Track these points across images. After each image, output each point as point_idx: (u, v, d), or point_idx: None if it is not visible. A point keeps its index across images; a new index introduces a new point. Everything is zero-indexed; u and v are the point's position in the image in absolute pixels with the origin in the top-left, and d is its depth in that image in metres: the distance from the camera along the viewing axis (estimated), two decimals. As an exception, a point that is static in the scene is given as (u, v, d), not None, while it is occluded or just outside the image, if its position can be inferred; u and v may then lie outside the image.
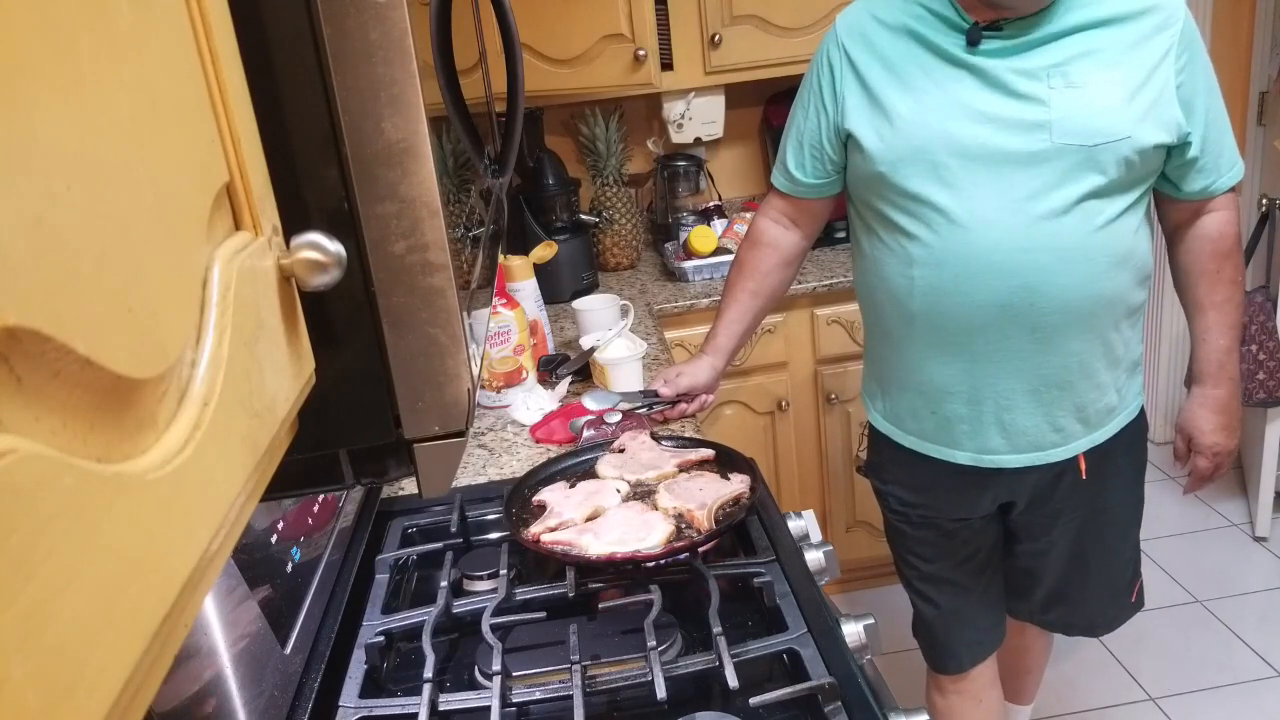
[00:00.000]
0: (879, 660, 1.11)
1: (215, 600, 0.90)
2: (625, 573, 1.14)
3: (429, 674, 0.98)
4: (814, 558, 1.22)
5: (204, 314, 0.40)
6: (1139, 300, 1.36)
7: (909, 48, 1.31)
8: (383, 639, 1.07)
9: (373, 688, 1.04)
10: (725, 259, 2.36)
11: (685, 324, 2.32)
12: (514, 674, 0.99)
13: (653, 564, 1.14)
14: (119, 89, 0.34)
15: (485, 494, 1.42)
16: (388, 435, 0.63)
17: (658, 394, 1.49)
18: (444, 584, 1.14)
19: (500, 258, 1.77)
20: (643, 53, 2.27)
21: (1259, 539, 2.72)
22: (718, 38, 2.34)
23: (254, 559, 1.00)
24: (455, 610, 1.12)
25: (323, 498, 1.23)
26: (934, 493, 1.50)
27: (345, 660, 1.06)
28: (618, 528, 1.14)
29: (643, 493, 1.26)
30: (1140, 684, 2.25)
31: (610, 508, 1.20)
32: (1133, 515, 1.54)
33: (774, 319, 2.32)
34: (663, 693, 0.92)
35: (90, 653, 0.27)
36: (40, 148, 0.28)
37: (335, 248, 0.50)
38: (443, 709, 0.97)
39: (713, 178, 2.70)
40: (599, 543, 1.12)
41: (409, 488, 1.47)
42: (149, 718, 0.73)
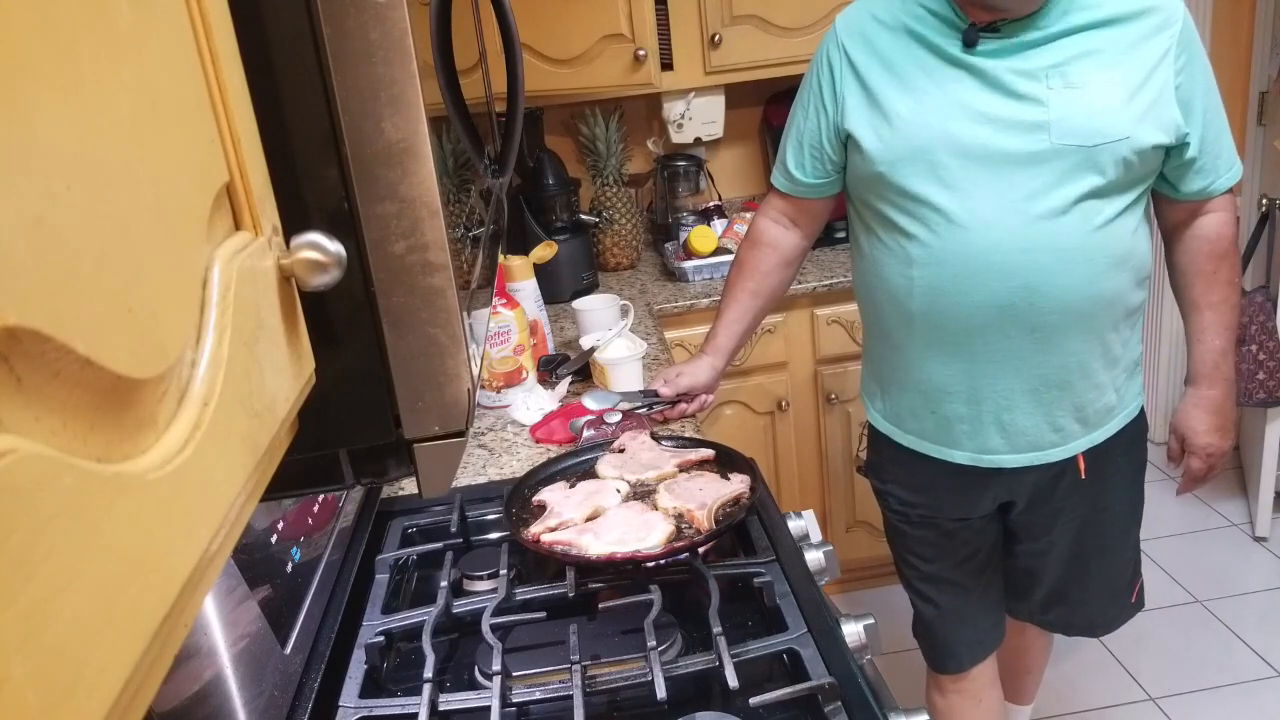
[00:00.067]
0: (879, 660, 1.11)
1: (215, 600, 0.90)
2: (625, 573, 1.14)
3: (429, 674, 0.98)
4: (814, 558, 1.22)
5: (204, 314, 0.40)
6: (1138, 301, 1.36)
7: (909, 48, 1.31)
8: (383, 639, 1.07)
9: (373, 688, 1.04)
10: (725, 259, 2.36)
11: (685, 324, 2.32)
12: (514, 674, 0.99)
13: (653, 564, 1.14)
14: (119, 89, 0.34)
15: (485, 494, 1.42)
16: (388, 435, 0.63)
17: (658, 394, 1.49)
18: (444, 584, 1.14)
19: (500, 258, 1.77)
20: (643, 53, 2.27)
21: (1259, 539, 2.72)
22: (718, 38, 2.34)
23: (254, 559, 1.00)
24: (455, 610, 1.12)
25: (323, 498, 1.23)
26: (934, 492, 1.50)
27: (345, 660, 1.06)
28: (618, 528, 1.14)
29: (643, 493, 1.26)
30: (1140, 684, 2.25)
31: (610, 508, 1.20)
32: (1132, 515, 1.54)
33: (774, 319, 2.32)
34: (663, 693, 0.92)
35: (90, 653, 0.27)
36: (40, 148, 0.28)
37: (335, 248, 0.50)
38: (443, 709, 0.97)
39: (713, 178, 2.70)
40: (599, 543, 1.12)
41: (409, 488, 1.47)
42: (149, 718, 0.73)
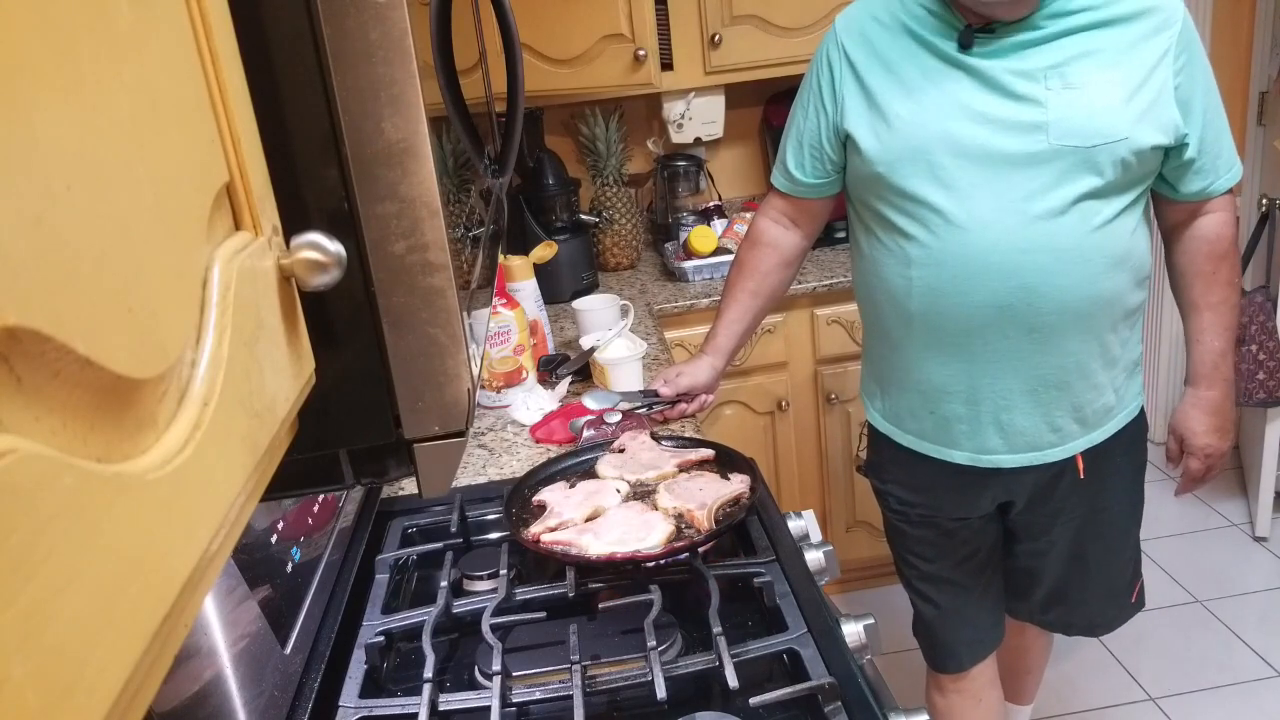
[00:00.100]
0: (879, 660, 1.11)
1: (215, 600, 0.90)
2: (625, 573, 1.14)
3: (429, 674, 0.98)
4: (814, 558, 1.22)
5: (204, 314, 0.40)
6: (1137, 301, 1.36)
7: (908, 48, 1.31)
8: (383, 639, 1.07)
9: (373, 688, 1.04)
10: (725, 259, 2.36)
11: (685, 324, 2.32)
12: (514, 674, 0.99)
13: (653, 564, 1.14)
14: (119, 89, 0.34)
15: (485, 494, 1.42)
16: (388, 435, 0.63)
17: (658, 394, 1.49)
18: (444, 584, 1.14)
19: (500, 258, 1.77)
20: (643, 53, 2.27)
21: (1259, 539, 2.72)
22: (718, 38, 2.34)
23: (254, 559, 1.00)
24: (455, 610, 1.12)
25: (323, 498, 1.23)
26: (933, 492, 1.50)
27: (345, 660, 1.06)
28: (618, 528, 1.14)
29: (643, 493, 1.25)
30: (1140, 684, 2.25)
31: (610, 508, 1.20)
32: (1132, 515, 1.54)
33: (774, 319, 2.32)
34: (663, 693, 0.92)
35: (90, 653, 0.27)
36: (40, 148, 0.28)
37: (335, 248, 0.50)
38: (443, 709, 0.97)
39: (713, 178, 2.70)
40: (599, 543, 1.12)
41: (409, 488, 1.47)
42: (149, 718, 0.73)
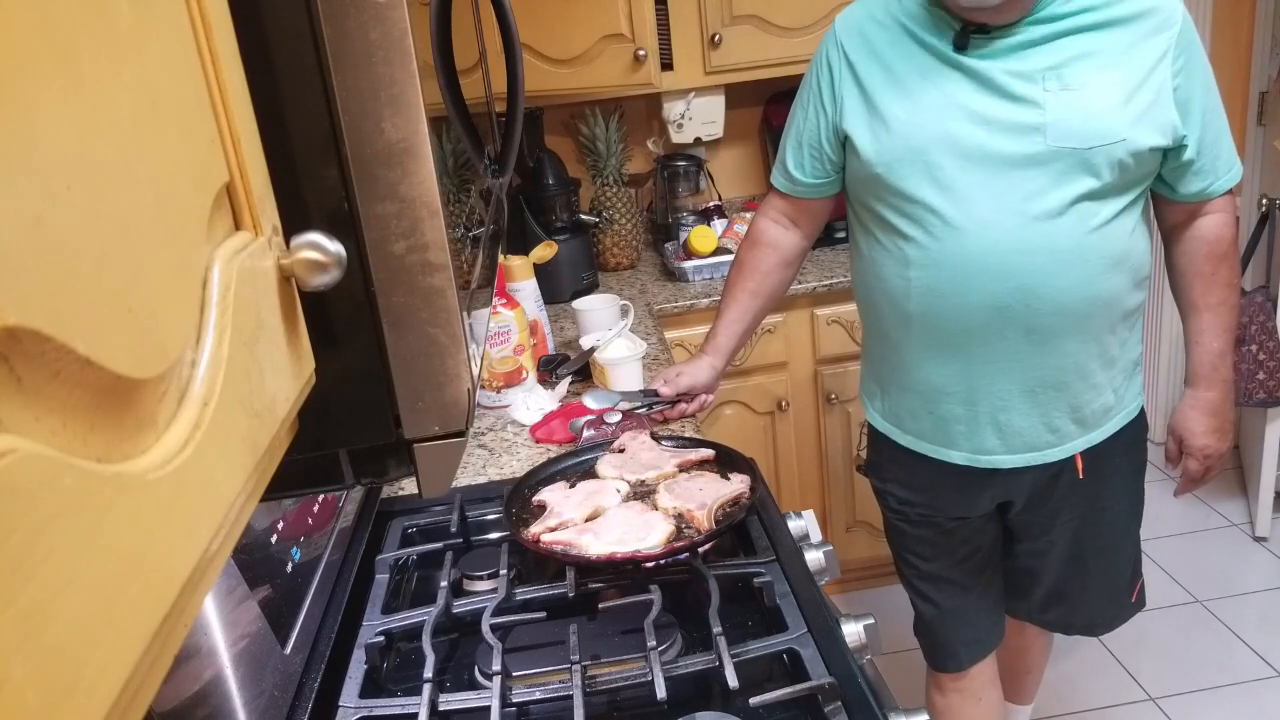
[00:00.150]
0: (879, 660, 1.11)
1: (215, 600, 0.90)
2: (625, 573, 1.14)
3: (429, 674, 0.98)
4: (814, 558, 1.22)
5: (204, 314, 0.40)
6: (1136, 302, 1.36)
7: (906, 49, 1.31)
8: (383, 639, 1.07)
9: (373, 688, 1.04)
10: (725, 259, 2.36)
11: (685, 324, 2.32)
12: (514, 674, 0.99)
13: (653, 564, 1.14)
14: (119, 89, 0.34)
15: (485, 494, 1.42)
16: (388, 435, 0.63)
17: (658, 394, 1.49)
18: (444, 584, 1.14)
19: (500, 258, 1.77)
20: (643, 53, 2.27)
21: (1259, 539, 2.72)
22: (718, 38, 2.34)
23: (254, 559, 1.00)
24: (455, 610, 1.12)
25: (323, 498, 1.23)
26: (932, 492, 1.50)
27: (345, 660, 1.06)
28: (618, 528, 1.14)
29: (643, 493, 1.26)
30: (1140, 684, 2.25)
31: (610, 508, 1.20)
32: (1132, 515, 1.54)
33: (774, 319, 2.32)
34: (663, 693, 0.92)
35: (90, 653, 0.27)
36: (40, 148, 0.28)
37: (335, 248, 0.50)
38: (443, 709, 0.97)
39: (713, 178, 2.70)
40: (599, 543, 1.12)
41: (409, 488, 1.47)
42: (149, 718, 0.73)
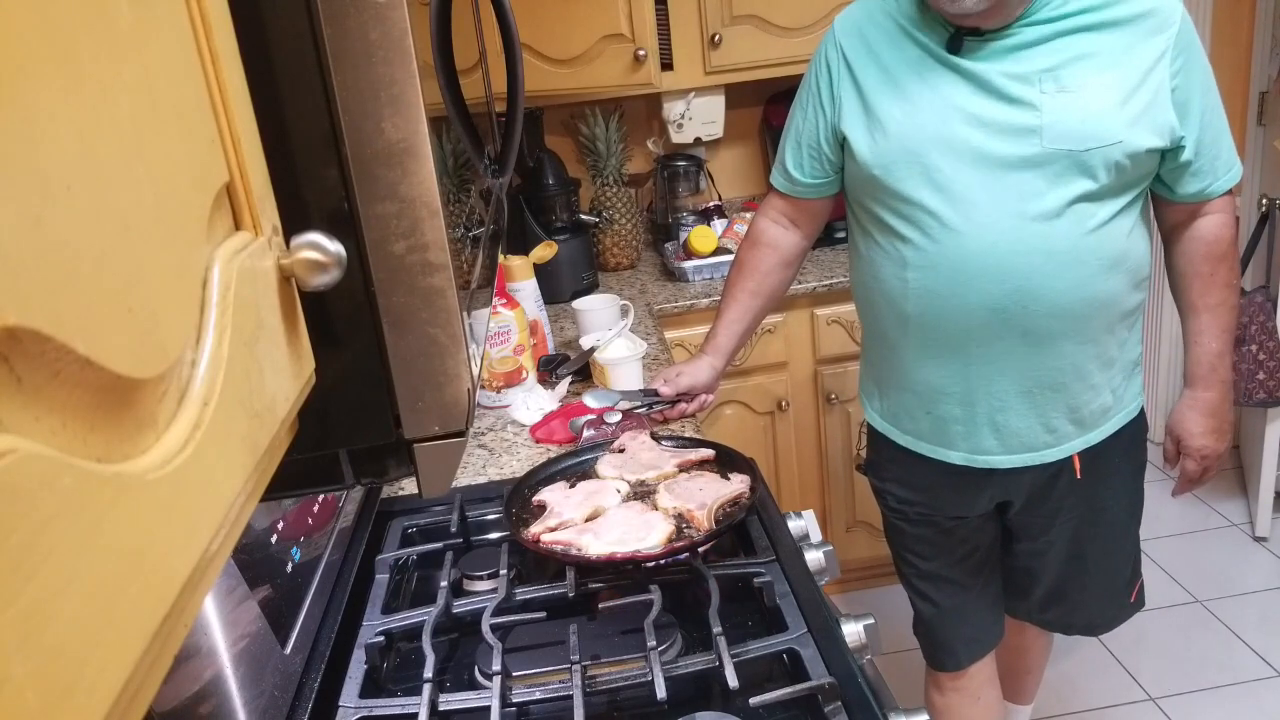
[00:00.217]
0: (879, 660, 1.11)
1: (215, 600, 0.90)
2: (625, 573, 1.14)
3: (429, 674, 0.98)
4: (814, 558, 1.22)
5: (204, 314, 0.40)
6: (1134, 303, 1.36)
7: (904, 50, 1.31)
8: (383, 639, 1.07)
9: (373, 688, 1.04)
10: (725, 259, 2.36)
11: (685, 324, 2.32)
12: (514, 674, 0.99)
13: (653, 564, 1.14)
14: (119, 89, 0.34)
15: (485, 494, 1.42)
16: (388, 435, 0.63)
17: (658, 393, 1.49)
18: (444, 584, 1.14)
19: (500, 258, 1.77)
20: (643, 53, 2.27)
21: (1259, 539, 2.72)
22: (718, 38, 2.34)
23: (254, 559, 1.00)
24: (455, 610, 1.12)
25: (323, 498, 1.23)
26: (931, 491, 1.50)
27: (345, 660, 1.06)
28: (618, 528, 1.14)
29: (643, 493, 1.26)
30: (1140, 684, 2.25)
31: (610, 508, 1.20)
32: (1131, 515, 1.54)
33: (774, 319, 2.32)
34: (663, 693, 0.92)
35: (90, 653, 0.27)
36: (40, 148, 0.28)
37: (335, 248, 0.50)
38: (443, 709, 0.97)
39: (713, 178, 2.70)
40: (599, 543, 1.12)
41: (409, 488, 1.47)
42: (149, 718, 0.73)
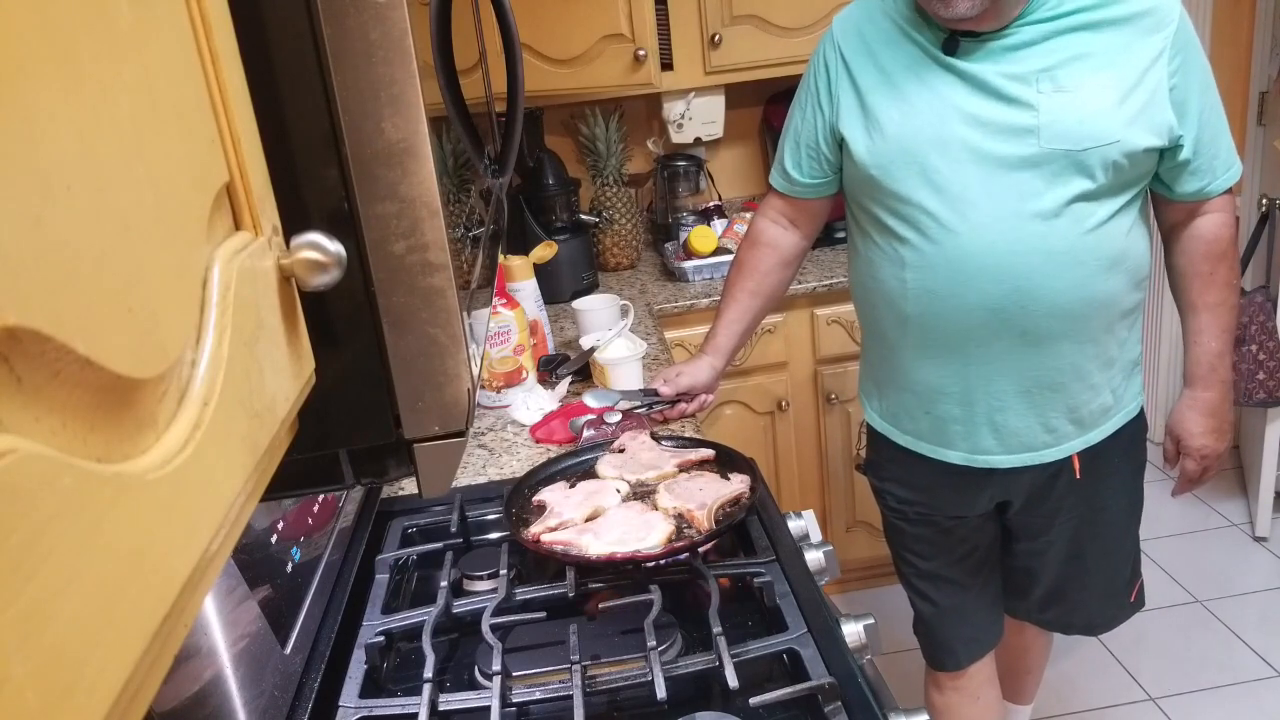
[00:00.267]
0: (879, 660, 1.11)
1: (215, 600, 0.90)
2: (625, 573, 1.14)
3: (429, 674, 0.98)
4: (814, 558, 1.22)
5: (204, 314, 0.40)
6: (1134, 302, 1.36)
7: (902, 50, 1.31)
8: (383, 639, 1.07)
9: (373, 688, 1.04)
10: (725, 259, 2.35)
11: (685, 324, 2.32)
12: (514, 674, 0.99)
13: (653, 564, 1.14)
14: (119, 89, 0.34)
15: (485, 494, 1.42)
16: (388, 435, 0.63)
17: (657, 393, 1.49)
18: (444, 584, 1.14)
19: (500, 258, 1.77)
20: (643, 53, 2.27)
21: (1259, 539, 2.72)
22: (718, 38, 2.34)
23: (254, 559, 1.00)
24: (455, 610, 1.12)
25: (323, 498, 1.23)
26: (930, 491, 1.50)
27: (345, 660, 1.06)
28: (618, 528, 1.14)
29: (643, 493, 1.25)
30: (1140, 684, 2.25)
31: (610, 508, 1.20)
32: (1131, 515, 1.54)
33: (774, 319, 2.32)
34: (663, 693, 0.92)
35: (90, 653, 0.27)
36: (40, 148, 0.28)
37: (335, 248, 0.50)
38: (443, 709, 0.97)
39: (713, 178, 2.70)
40: (599, 543, 1.12)
41: (409, 488, 1.47)
42: (149, 718, 0.73)
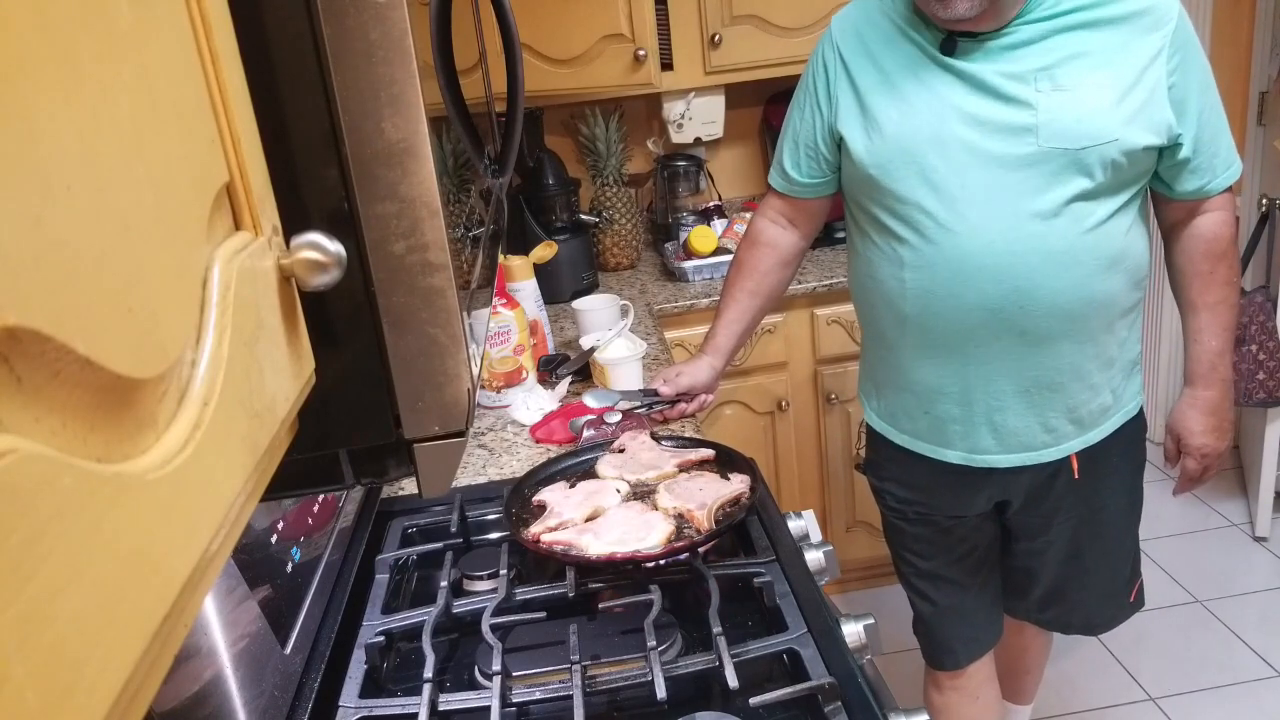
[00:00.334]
0: (879, 660, 1.11)
1: (215, 600, 0.90)
2: (625, 573, 1.14)
3: (429, 674, 0.98)
4: (814, 558, 1.22)
5: (204, 314, 0.40)
6: (1133, 301, 1.36)
7: (901, 50, 1.31)
8: (383, 639, 1.07)
9: (373, 688, 1.04)
10: (725, 259, 2.35)
11: (685, 324, 2.32)
12: (514, 674, 0.99)
13: (653, 564, 1.14)
14: (119, 89, 0.34)
15: (485, 494, 1.42)
16: (388, 435, 0.63)
17: (657, 393, 1.49)
18: (444, 584, 1.14)
19: (500, 258, 1.77)
20: (643, 53, 2.27)
21: (1259, 539, 2.72)
22: (718, 38, 2.34)
23: (254, 559, 1.00)
24: (455, 610, 1.12)
25: (323, 498, 1.23)
26: (929, 490, 1.50)
27: (345, 660, 1.06)
28: (618, 528, 1.14)
29: (643, 493, 1.25)
30: (1140, 684, 2.25)
31: (610, 508, 1.20)
32: (1130, 514, 1.54)
33: (774, 319, 2.32)
34: (663, 693, 0.92)
35: (90, 653, 0.27)
36: (40, 148, 0.28)
37: (335, 248, 0.50)
38: (443, 709, 0.97)
39: (713, 178, 2.70)
40: (599, 543, 1.12)
41: (409, 488, 1.47)
42: (149, 718, 0.73)
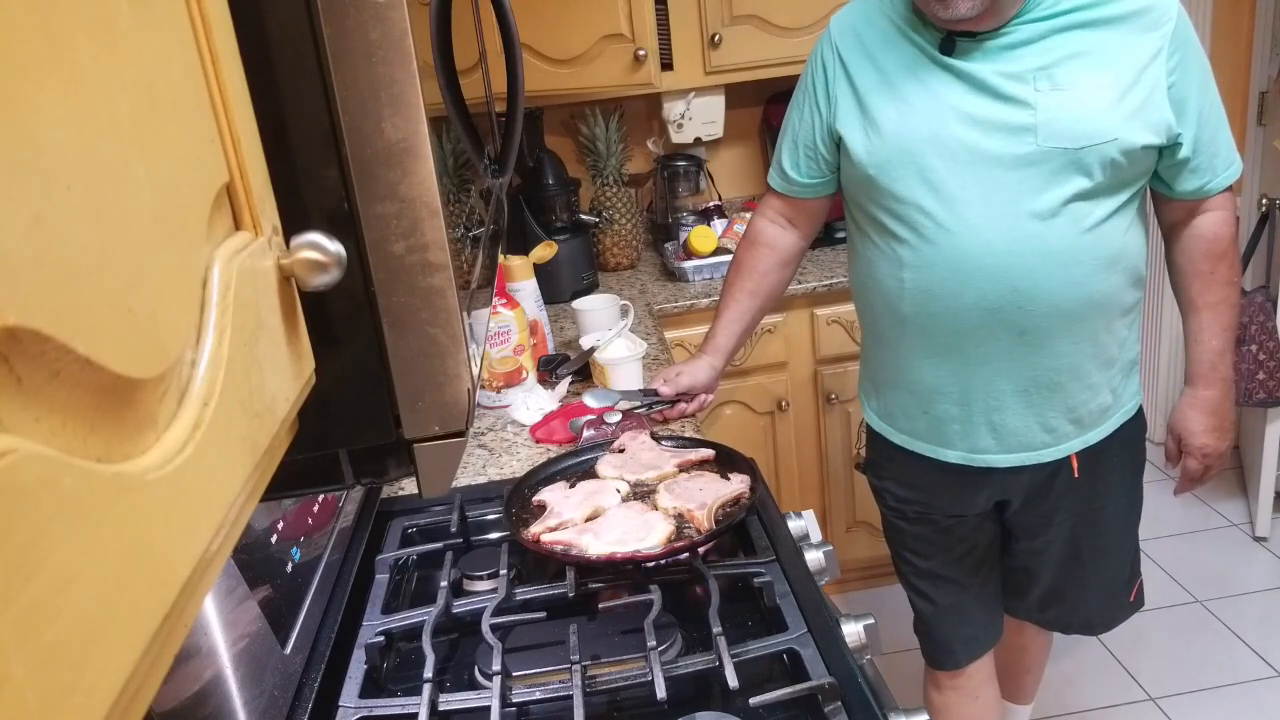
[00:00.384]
0: (879, 660, 1.11)
1: (215, 600, 0.90)
2: (625, 573, 1.14)
3: (429, 674, 0.98)
4: (814, 558, 1.22)
5: (204, 314, 0.40)
6: (1132, 301, 1.36)
7: (899, 50, 1.31)
8: (383, 639, 1.08)
9: (373, 688, 1.04)
10: (725, 259, 2.35)
11: (685, 324, 2.32)
12: (514, 674, 0.99)
13: (653, 564, 1.14)
14: (119, 89, 0.34)
15: (485, 494, 1.42)
16: (388, 435, 0.63)
17: (657, 393, 1.49)
18: (444, 584, 1.14)
19: (500, 258, 1.77)
20: (643, 53, 2.27)
21: (1259, 539, 2.72)
22: (718, 38, 2.34)
23: (254, 559, 1.00)
24: (455, 610, 1.12)
25: (323, 498, 1.23)
26: (929, 490, 1.50)
27: (345, 660, 1.06)
28: (618, 528, 1.14)
29: (643, 493, 1.25)
30: (1140, 684, 2.25)
31: (610, 508, 1.20)
32: (1130, 514, 1.54)
33: (774, 319, 2.32)
34: (663, 693, 0.92)
35: (90, 653, 0.27)
36: (40, 148, 0.28)
37: (335, 248, 0.50)
38: (443, 709, 0.97)
39: (713, 178, 2.70)
40: (599, 543, 1.12)
41: (409, 488, 1.47)
42: (149, 718, 0.73)
